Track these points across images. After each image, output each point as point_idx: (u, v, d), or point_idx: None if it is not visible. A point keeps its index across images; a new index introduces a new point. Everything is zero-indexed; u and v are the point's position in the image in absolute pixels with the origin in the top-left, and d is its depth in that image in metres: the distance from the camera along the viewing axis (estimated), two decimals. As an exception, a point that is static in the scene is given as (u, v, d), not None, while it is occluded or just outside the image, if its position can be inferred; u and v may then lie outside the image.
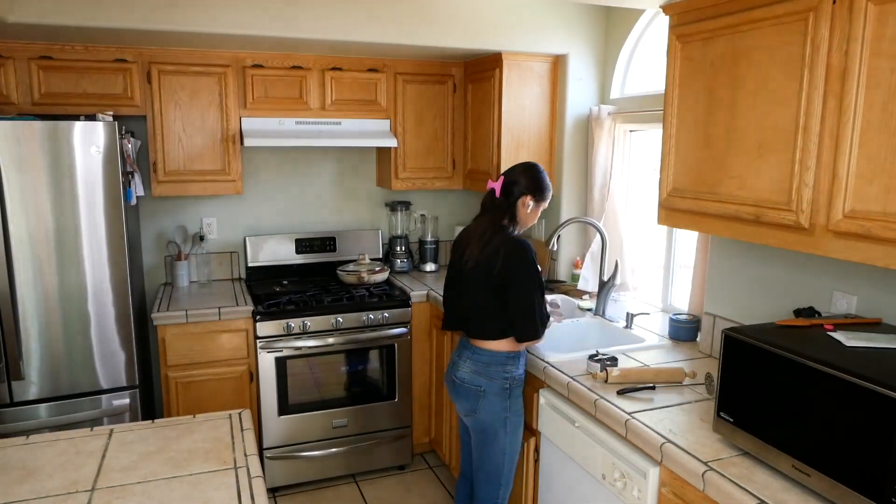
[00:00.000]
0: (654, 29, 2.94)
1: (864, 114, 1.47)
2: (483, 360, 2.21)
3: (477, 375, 2.21)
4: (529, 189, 2.24)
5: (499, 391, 2.20)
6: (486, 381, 2.20)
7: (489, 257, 2.16)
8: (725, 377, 1.65)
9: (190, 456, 1.65)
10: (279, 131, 3.21)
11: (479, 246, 2.20)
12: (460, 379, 2.25)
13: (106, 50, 2.93)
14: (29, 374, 2.62)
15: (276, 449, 3.13)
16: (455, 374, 2.27)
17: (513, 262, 2.13)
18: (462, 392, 2.25)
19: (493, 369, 2.20)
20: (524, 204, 2.24)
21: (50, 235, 2.56)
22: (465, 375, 2.24)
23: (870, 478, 1.28)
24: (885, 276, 1.79)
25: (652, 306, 2.97)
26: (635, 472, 1.79)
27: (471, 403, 2.23)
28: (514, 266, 2.13)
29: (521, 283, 2.13)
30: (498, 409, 2.21)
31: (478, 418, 2.23)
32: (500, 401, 2.21)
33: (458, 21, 2.96)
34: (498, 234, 2.19)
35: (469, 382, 2.22)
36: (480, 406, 2.21)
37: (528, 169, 2.28)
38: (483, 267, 2.18)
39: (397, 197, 3.87)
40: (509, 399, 2.22)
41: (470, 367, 2.23)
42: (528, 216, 2.27)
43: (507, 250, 2.14)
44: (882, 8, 1.42)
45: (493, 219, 2.23)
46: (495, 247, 2.16)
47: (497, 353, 2.20)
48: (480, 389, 2.21)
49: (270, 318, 3.03)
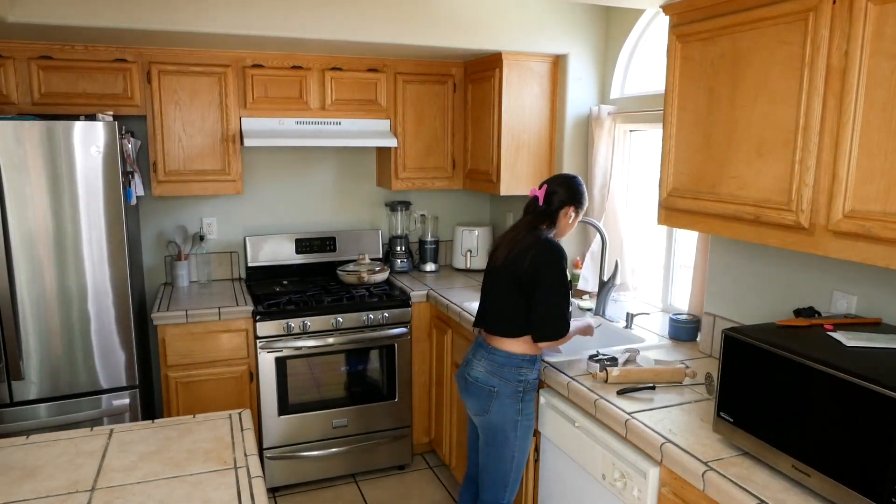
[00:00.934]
0: (654, 29, 2.94)
1: (864, 114, 1.47)
2: (498, 361, 2.20)
3: (491, 375, 2.20)
4: (571, 200, 2.27)
5: (512, 393, 2.19)
6: (499, 381, 2.19)
7: (519, 255, 2.17)
8: (725, 377, 1.65)
9: (190, 456, 1.65)
10: (279, 131, 3.21)
11: (511, 244, 2.22)
12: (474, 378, 2.24)
13: (106, 50, 2.93)
14: (29, 374, 2.62)
15: (276, 449, 3.13)
16: (469, 373, 2.26)
17: (542, 263, 2.13)
18: (474, 391, 2.24)
19: (508, 371, 2.18)
20: (566, 214, 2.26)
21: (50, 235, 2.56)
22: (479, 375, 2.22)
23: (870, 478, 1.28)
24: (885, 276, 1.79)
25: (652, 306, 2.97)
26: (635, 472, 1.79)
27: (482, 403, 2.22)
28: (543, 267, 2.13)
29: (547, 284, 2.12)
30: (509, 412, 2.20)
31: (489, 419, 2.22)
32: (513, 403, 2.19)
33: (458, 21, 2.96)
34: (531, 234, 2.20)
35: (483, 382, 2.21)
36: (492, 407, 2.20)
37: (571, 179, 2.31)
38: (511, 263, 2.18)
39: (397, 197, 3.87)
40: (521, 402, 2.20)
41: (485, 367, 2.21)
42: (567, 226, 2.30)
43: (539, 250, 2.14)
44: (882, 8, 1.43)
45: (533, 221, 2.25)
46: (527, 245, 2.16)
47: (513, 354, 2.19)
48: (494, 390, 2.19)
49: (270, 318, 3.03)
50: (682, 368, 2.07)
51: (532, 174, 3.29)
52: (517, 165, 3.26)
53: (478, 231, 3.76)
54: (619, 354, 2.25)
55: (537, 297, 2.13)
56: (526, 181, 3.28)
